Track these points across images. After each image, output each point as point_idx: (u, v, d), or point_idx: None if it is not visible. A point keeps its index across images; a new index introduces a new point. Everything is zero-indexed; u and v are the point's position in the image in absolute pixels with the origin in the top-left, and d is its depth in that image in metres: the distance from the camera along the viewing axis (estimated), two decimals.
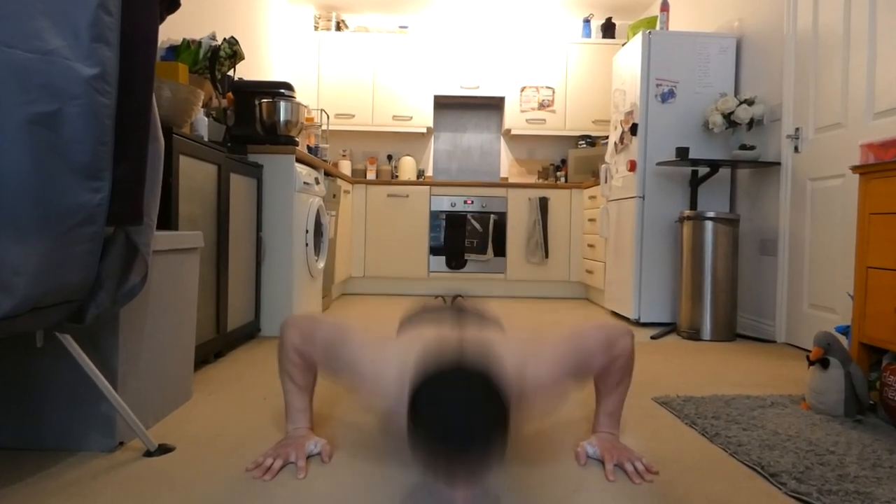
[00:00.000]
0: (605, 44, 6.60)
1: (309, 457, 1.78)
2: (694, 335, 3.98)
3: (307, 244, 3.94)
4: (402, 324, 1.87)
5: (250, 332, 3.59)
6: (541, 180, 6.83)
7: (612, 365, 1.78)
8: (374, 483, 1.64)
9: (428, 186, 6.17)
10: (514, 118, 6.60)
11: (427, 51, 6.53)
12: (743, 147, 4.16)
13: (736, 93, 4.53)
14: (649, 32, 4.48)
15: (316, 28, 6.70)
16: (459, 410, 1.29)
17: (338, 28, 6.67)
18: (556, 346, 1.68)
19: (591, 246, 5.83)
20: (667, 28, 4.79)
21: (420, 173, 6.86)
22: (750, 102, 4.16)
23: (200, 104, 2.86)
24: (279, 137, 3.92)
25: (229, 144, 3.66)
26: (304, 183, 3.87)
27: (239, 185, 3.34)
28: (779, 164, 3.98)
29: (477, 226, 6.09)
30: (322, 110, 5.85)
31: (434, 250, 6.14)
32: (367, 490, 1.60)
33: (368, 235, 6.13)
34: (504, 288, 6.27)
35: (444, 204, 6.16)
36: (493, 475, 1.68)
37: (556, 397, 1.68)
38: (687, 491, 1.64)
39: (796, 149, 3.86)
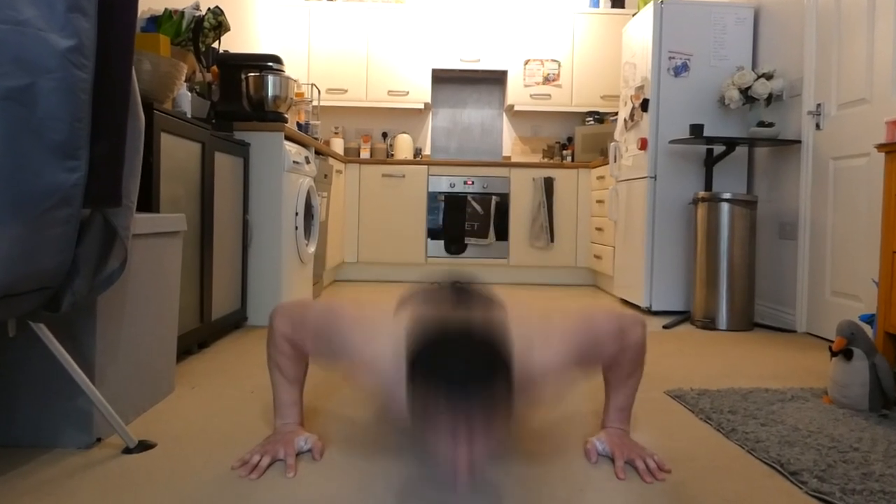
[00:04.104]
0: (614, 14, 6.57)
1: (299, 454, 1.77)
2: (709, 324, 3.97)
3: (297, 227, 3.93)
4: (399, 305, 1.86)
5: (236, 322, 3.58)
6: (546, 159, 6.82)
7: (623, 355, 1.77)
8: (368, 481, 1.64)
9: (425, 166, 6.15)
10: (518, 93, 6.57)
11: (425, 21, 6.50)
12: (761, 124, 4.14)
13: (753, 66, 4.51)
14: (661, 2, 4.45)
15: None
16: (462, 360, 1.32)
17: None
18: (565, 330, 1.68)
19: (599, 229, 5.82)
20: None
21: (417, 152, 6.84)
22: (768, 76, 4.13)
23: (183, 78, 2.84)
24: (267, 114, 3.90)
25: (214, 121, 3.64)
26: (294, 162, 3.85)
27: (224, 164, 3.32)
28: (799, 142, 3.96)
29: (478, 208, 6.08)
30: (313, 85, 5.82)
31: (432, 234, 6.13)
32: (359, 489, 1.60)
33: (362, 218, 6.12)
34: (507, 274, 6.27)
35: (442, 184, 6.14)
36: (496, 458, 1.67)
37: (562, 384, 1.68)
38: (701, 490, 1.64)
39: (818, 126, 3.84)
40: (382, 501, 1.53)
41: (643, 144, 4.52)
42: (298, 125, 5.13)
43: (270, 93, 3.91)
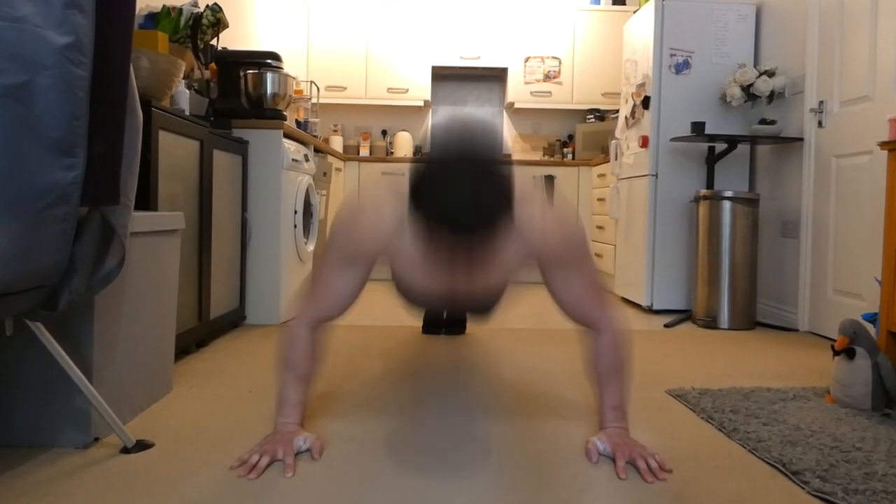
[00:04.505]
0: (615, 11, 6.57)
1: (298, 453, 1.77)
2: (710, 323, 3.97)
3: (296, 226, 3.93)
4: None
5: (235, 321, 3.58)
6: (546, 157, 6.81)
7: (604, 334, 1.87)
8: (367, 481, 1.64)
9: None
10: (518, 91, 6.57)
11: (424, 18, 6.49)
12: (763, 121, 4.14)
13: (755, 63, 4.50)
14: None
15: None
16: (461, 184, 1.38)
17: None
18: (571, 233, 1.81)
19: (599, 227, 5.82)
20: None
21: (417, 149, 6.83)
22: (770, 74, 4.13)
23: (181, 76, 2.83)
24: (265, 111, 3.89)
25: (212, 119, 3.63)
26: (293, 160, 3.85)
27: (223, 162, 3.32)
28: (801, 139, 3.96)
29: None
30: (312, 82, 5.81)
31: None
32: (359, 489, 1.60)
33: None
34: None
35: None
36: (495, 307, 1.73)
37: (526, 266, 1.85)
38: (703, 490, 1.64)
39: (820, 123, 3.84)
40: (382, 501, 1.53)
41: (644, 142, 4.52)
42: (297, 123, 5.12)
43: (269, 90, 3.90)
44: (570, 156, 6.71)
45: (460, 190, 1.39)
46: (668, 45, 4.45)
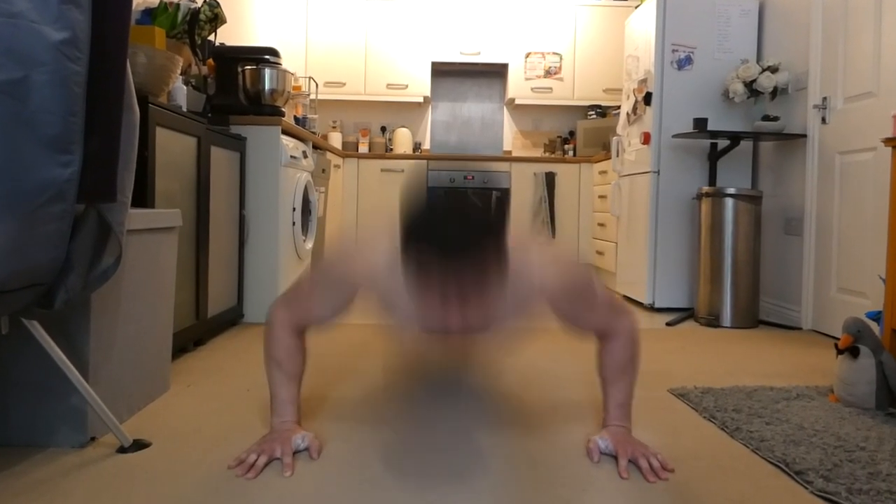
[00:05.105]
0: (616, 6, 6.56)
1: (296, 452, 1.77)
2: (713, 321, 3.97)
3: (294, 223, 3.93)
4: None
5: (232, 319, 3.58)
6: (547, 154, 6.81)
7: (613, 339, 1.86)
8: (366, 481, 1.64)
9: (425, 160, 6.15)
10: (519, 87, 6.56)
11: (424, 13, 6.49)
12: (766, 118, 4.14)
13: (758, 59, 4.50)
14: None
15: None
16: (453, 218, 1.44)
17: None
18: (565, 261, 1.79)
19: (601, 225, 5.82)
20: None
21: (416, 146, 6.83)
22: (773, 70, 4.13)
23: (178, 71, 2.83)
24: (264, 107, 3.89)
25: (210, 115, 3.62)
26: (291, 157, 3.85)
27: (220, 158, 3.31)
28: (805, 136, 3.96)
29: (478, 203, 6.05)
30: (310, 78, 5.81)
31: None
32: (358, 488, 1.60)
33: (361, 213, 6.12)
34: None
35: (442, 179, 6.13)
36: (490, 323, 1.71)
37: (543, 310, 1.81)
38: (705, 490, 1.64)
39: (823, 120, 3.84)
40: (381, 501, 1.53)
41: (646, 139, 4.52)
42: (296, 119, 5.12)
43: (267, 86, 3.90)
44: (571, 152, 6.71)
45: (451, 216, 1.45)
46: (669, 41, 4.45)
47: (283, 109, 3.99)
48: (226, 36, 5.06)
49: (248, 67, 3.89)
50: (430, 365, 2.32)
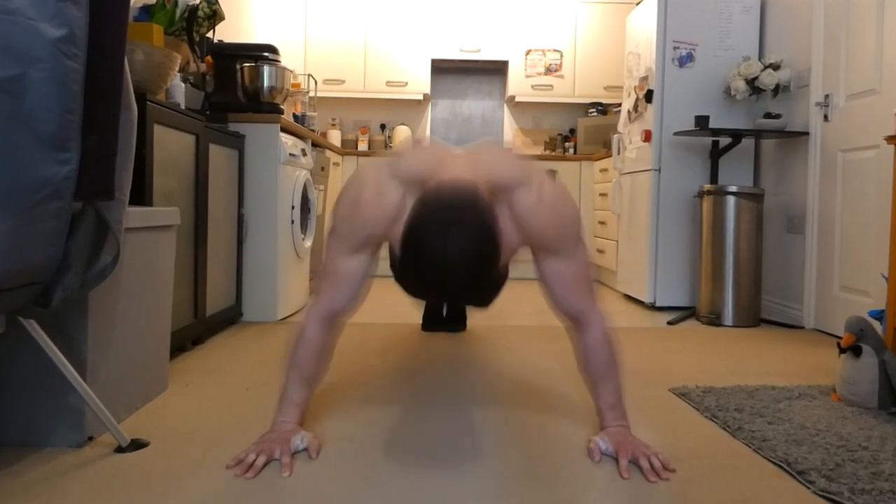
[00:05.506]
0: (617, 2, 6.56)
1: (295, 453, 1.77)
2: (714, 320, 3.97)
3: (293, 221, 3.93)
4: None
5: (231, 318, 3.58)
6: (547, 152, 6.81)
7: (586, 332, 1.89)
8: (365, 481, 1.64)
9: None
10: (519, 84, 6.56)
11: (424, 10, 6.48)
12: (768, 115, 4.13)
13: (760, 56, 4.49)
14: None
15: None
16: (446, 260, 1.45)
17: None
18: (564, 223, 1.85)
19: (602, 223, 5.82)
20: None
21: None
22: (775, 67, 4.13)
23: (177, 69, 2.83)
24: (262, 105, 3.89)
25: (208, 112, 3.62)
26: (290, 154, 3.84)
27: (219, 156, 3.31)
28: (807, 133, 3.96)
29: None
30: (309, 75, 5.80)
31: None
32: (356, 489, 1.59)
33: None
34: None
35: None
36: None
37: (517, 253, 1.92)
38: (707, 490, 1.64)
39: (826, 117, 3.84)
40: (380, 501, 1.53)
41: (647, 136, 4.52)
42: (295, 116, 5.11)
43: (266, 83, 3.90)
44: (571, 150, 6.71)
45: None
46: (671, 38, 4.45)
47: (281, 107, 3.98)
48: (224, 33, 5.06)
49: (247, 65, 3.88)
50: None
